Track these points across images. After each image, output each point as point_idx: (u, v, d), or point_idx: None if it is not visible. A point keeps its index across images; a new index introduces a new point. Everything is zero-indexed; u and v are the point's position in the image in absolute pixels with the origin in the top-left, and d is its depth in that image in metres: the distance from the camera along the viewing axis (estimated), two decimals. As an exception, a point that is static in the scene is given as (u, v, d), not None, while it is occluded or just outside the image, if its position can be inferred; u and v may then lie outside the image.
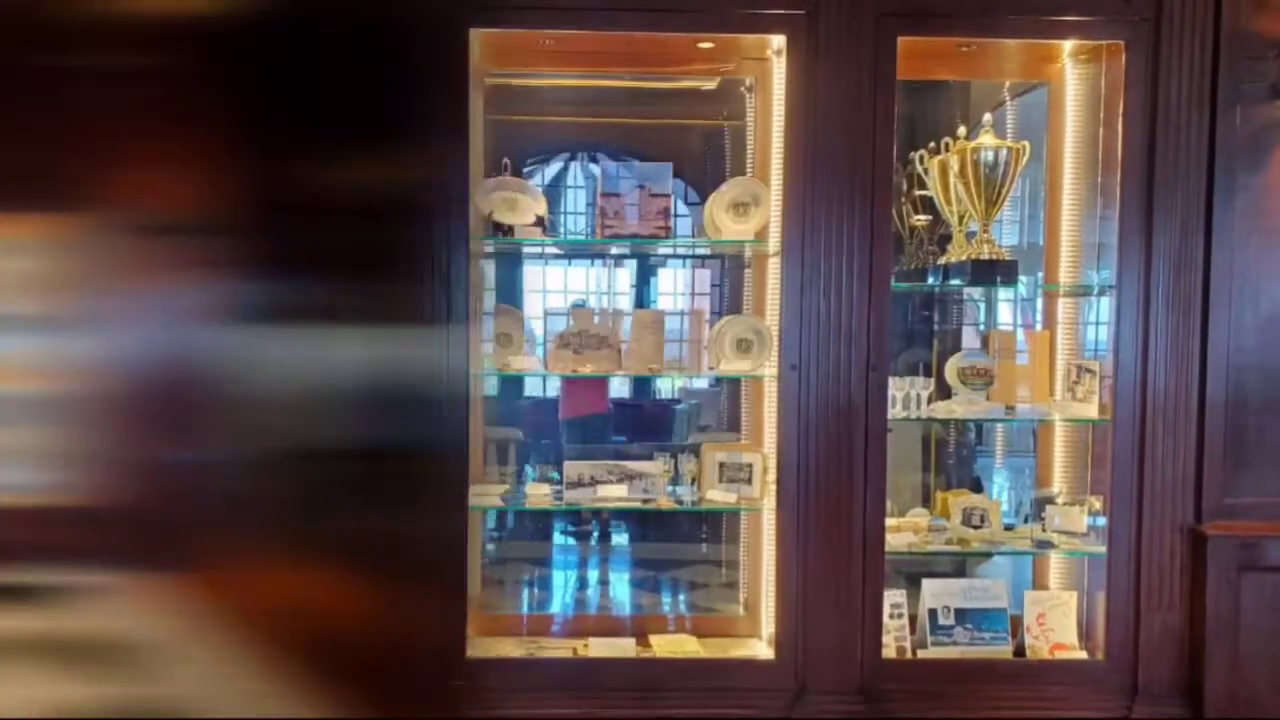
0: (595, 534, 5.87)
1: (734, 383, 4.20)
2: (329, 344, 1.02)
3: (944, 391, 3.61)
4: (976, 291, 4.40)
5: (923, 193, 3.83)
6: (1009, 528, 3.65)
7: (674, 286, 7.17)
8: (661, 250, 4.87)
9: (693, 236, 5.32)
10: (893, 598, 3.43)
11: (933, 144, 3.67)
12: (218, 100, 0.92)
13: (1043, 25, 3.31)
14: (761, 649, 3.56)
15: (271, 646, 0.95)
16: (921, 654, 3.45)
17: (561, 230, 6.21)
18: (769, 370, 3.48)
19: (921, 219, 3.95)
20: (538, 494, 3.64)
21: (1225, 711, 3.27)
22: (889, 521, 3.38)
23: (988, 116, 3.53)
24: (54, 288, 0.87)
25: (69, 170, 0.86)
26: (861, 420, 3.28)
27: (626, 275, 6.92)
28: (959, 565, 3.92)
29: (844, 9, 3.22)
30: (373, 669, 1.06)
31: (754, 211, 3.51)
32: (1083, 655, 3.46)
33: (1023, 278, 3.81)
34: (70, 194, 0.86)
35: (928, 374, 3.77)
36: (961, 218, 3.62)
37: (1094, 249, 3.52)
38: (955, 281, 3.69)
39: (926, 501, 3.99)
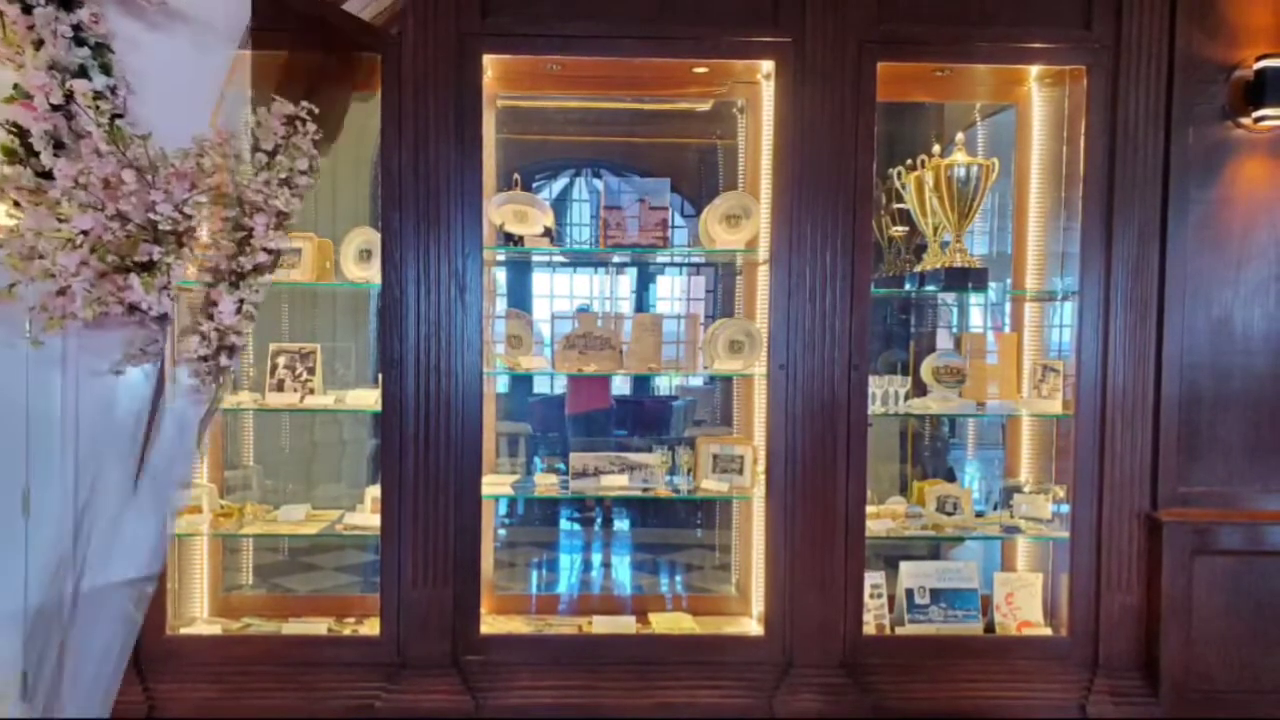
0: (598, 520, 5.89)
1: (727, 381, 4.23)
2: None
3: (920, 389, 3.65)
4: (950, 297, 4.42)
5: (900, 206, 3.87)
6: (980, 514, 3.67)
7: (671, 292, 7.19)
8: (660, 259, 4.87)
9: (689, 246, 5.35)
10: (872, 579, 3.47)
11: (910, 161, 3.73)
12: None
13: (1011, 52, 3.34)
14: (752, 626, 3.58)
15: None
16: (899, 631, 3.49)
17: (567, 240, 6.24)
18: (759, 369, 3.50)
19: (899, 230, 3.99)
20: (546, 483, 3.67)
21: (1179, 683, 3.32)
22: (869, 508, 3.41)
23: (960, 135, 3.59)
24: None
25: None
26: (844, 415, 3.30)
27: (627, 282, 6.93)
28: (934, 549, 3.96)
29: (828, 37, 3.24)
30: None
31: (745, 223, 3.55)
32: (1048, 632, 3.49)
33: (992, 284, 3.86)
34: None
35: (905, 373, 3.79)
36: (936, 229, 3.67)
37: (1058, 257, 3.55)
38: (930, 288, 3.73)
39: (904, 490, 4.03)
